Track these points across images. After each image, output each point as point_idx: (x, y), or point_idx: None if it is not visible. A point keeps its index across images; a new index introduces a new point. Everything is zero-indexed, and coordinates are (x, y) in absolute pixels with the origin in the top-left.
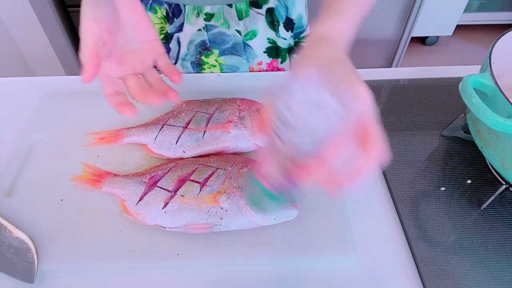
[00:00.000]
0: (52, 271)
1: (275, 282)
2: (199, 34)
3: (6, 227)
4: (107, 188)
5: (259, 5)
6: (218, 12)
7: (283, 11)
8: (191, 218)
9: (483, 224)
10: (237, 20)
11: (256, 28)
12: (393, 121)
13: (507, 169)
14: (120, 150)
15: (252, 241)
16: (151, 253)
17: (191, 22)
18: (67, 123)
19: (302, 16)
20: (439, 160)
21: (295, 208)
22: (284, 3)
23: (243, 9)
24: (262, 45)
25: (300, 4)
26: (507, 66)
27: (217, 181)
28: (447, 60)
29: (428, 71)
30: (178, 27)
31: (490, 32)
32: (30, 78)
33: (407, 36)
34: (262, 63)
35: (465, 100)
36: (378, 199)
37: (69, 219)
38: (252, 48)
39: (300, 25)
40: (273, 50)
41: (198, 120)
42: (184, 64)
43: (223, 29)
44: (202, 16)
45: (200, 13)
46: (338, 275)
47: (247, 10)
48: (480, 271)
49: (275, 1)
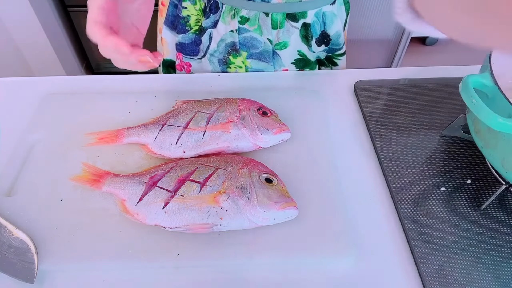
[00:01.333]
0: (52, 271)
1: (275, 282)
2: (231, 35)
3: (6, 227)
4: (107, 188)
5: (296, 18)
6: (253, 18)
7: (319, 27)
8: (191, 218)
9: (483, 224)
10: (270, 29)
11: (288, 40)
12: (393, 121)
13: (507, 169)
14: (120, 150)
15: (252, 241)
16: (151, 253)
17: (225, 22)
18: (67, 123)
19: (340, 34)
20: (439, 160)
21: (295, 208)
22: (323, 19)
23: (278, 20)
24: (291, 56)
25: (339, 23)
26: (507, 66)
27: (217, 181)
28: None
29: (428, 71)
30: (213, 23)
31: None
32: (30, 78)
33: (407, 36)
34: (288, 70)
35: (465, 100)
36: (378, 199)
37: (69, 219)
38: (281, 57)
39: (337, 42)
40: (301, 62)
41: (198, 120)
42: (212, 60)
43: (255, 35)
44: (238, 18)
45: (236, 15)
46: (338, 275)
47: (283, 21)
48: (480, 271)
49: (312, 17)
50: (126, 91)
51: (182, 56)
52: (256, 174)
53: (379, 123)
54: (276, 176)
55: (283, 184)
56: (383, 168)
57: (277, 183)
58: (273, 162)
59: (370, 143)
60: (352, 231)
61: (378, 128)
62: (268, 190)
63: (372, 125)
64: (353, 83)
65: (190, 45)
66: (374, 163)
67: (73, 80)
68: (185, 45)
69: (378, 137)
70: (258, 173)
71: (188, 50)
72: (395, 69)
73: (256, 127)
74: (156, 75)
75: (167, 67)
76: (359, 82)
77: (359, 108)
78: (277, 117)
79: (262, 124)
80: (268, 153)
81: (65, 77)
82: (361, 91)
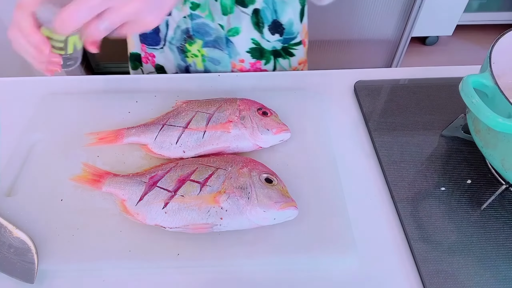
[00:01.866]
0: (52, 271)
1: (275, 282)
2: (184, 22)
3: (6, 227)
4: (107, 188)
5: (244, 3)
6: (204, 3)
7: (270, 14)
8: (191, 218)
9: (483, 224)
10: (221, 14)
11: (239, 26)
12: (393, 121)
13: (507, 169)
14: (120, 150)
15: (252, 241)
16: (151, 253)
17: (178, 8)
18: (67, 123)
19: (292, 22)
20: (439, 160)
21: (295, 208)
22: (273, 6)
23: (227, 5)
24: (245, 44)
25: (292, 10)
26: (507, 66)
27: (217, 181)
28: (447, 60)
29: (428, 71)
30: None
31: (490, 32)
32: (30, 78)
33: (407, 36)
34: (244, 61)
35: (465, 100)
36: (378, 199)
37: (69, 219)
38: (235, 45)
39: (290, 31)
40: (257, 51)
41: (198, 120)
42: (172, 48)
43: (207, 21)
44: (188, 4)
45: (187, 1)
46: (338, 275)
47: (232, 6)
48: (480, 271)
49: (262, 3)
50: (126, 91)
51: (145, 47)
52: (256, 174)
53: (379, 123)
54: (276, 176)
55: (283, 184)
56: (383, 168)
57: (277, 183)
58: (273, 162)
59: (370, 143)
60: (352, 231)
61: (378, 128)
62: (268, 190)
63: (372, 125)
64: (353, 83)
65: (151, 34)
66: (374, 163)
67: (73, 80)
68: (146, 35)
69: (378, 137)
70: (258, 173)
71: (150, 40)
72: (395, 69)
73: (256, 127)
74: (156, 75)
75: (134, 61)
76: (359, 82)
77: (359, 108)
78: (277, 117)
79: (262, 124)
80: (268, 153)
81: (65, 77)
82: (361, 91)
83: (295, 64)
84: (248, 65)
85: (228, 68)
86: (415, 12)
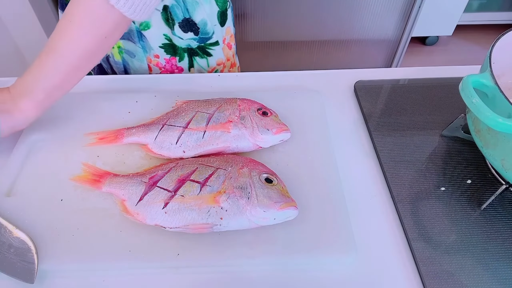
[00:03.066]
0: (52, 271)
1: (275, 282)
2: None
3: (6, 227)
4: (107, 188)
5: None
6: None
7: (180, 12)
8: (191, 218)
9: (483, 224)
10: None
11: (149, 21)
12: (393, 121)
13: (507, 169)
14: (120, 150)
15: (252, 241)
16: (151, 253)
17: None
18: (67, 123)
19: (206, 22)
20: (439, 160)
21: (295, 208)
22: (184, 4)
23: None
24: (158, 39)
25: (205, 11)
26: (507, 66)
27: (217, 181)
28: (447, 60)
29: (428, 71)
30: None
31: (490, 32)
32: None
33: (407, 36)
34: (159, 57)
35: (465, 100)
36: (378, 199)
37: (69, 219)
38: (147, 39)
39: (204, 31)
40: (170, 47)
41: (198, 120)
42: None
43: None
44: None
45: None
46: (338, 275)
47: None
48: (480, 271)
49: (172, 0)
50: (126, 91)
51: None
52: (256, 174)
53: (379, 123)
54: (276, 176)
55: (283, 184)
56: (383, 168)
57: (277, 183)
58: (273, 162)
59: (370, 143)
60: (352, 231)
61: (378, 128)
62: (268, 190)
63: (372, 125)
64: (353, 83)
65: None
66: (374, 163)
67: None
68: None
69: (378, 137)
70: (258, 173)
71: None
72: (395, 69)
73: (256, 127)
74: (156, 75)
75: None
76: (359, 82)
77: (359, 108)
78: (277, 117)
79: (262, 124)
80: (268, 153)
81: None
82: (361, 91)
83: (214, 64)
84: (163, 61)
85: (144, 62)
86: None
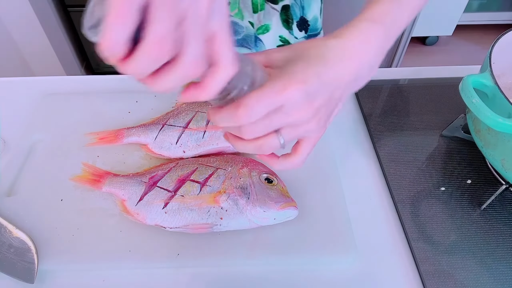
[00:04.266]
0: (52, 271)
1: (275, 282)
2: None
3: (6, 227)
4: (107, 188)
5: (275, 0)
6: (233, 1)
7: (298, 11)
8: (191, 218)
9: (483, 224)
10: (251, 12)
11: (269, 23)
12: (393, 121)
13: (507, 169)
14: (120, 150)
15: (252, 241)
16: (151, 253)
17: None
18: (67, 123)
19: (317, 18)
20: (439, 160)
21: (295, 208)
22: (300, 3)
23: (258, 2)
24: (273, 42)
25: (316, 6)
26: (507, 66)
27: (217, 181)
28: (447, 60)
29: (428, 71)
30: None
31: (490, 32)
32: (30, 78)
33: (407, 36)
34: None
35: (465, 100)
36: (378, 199)
37: (69, 219)
38: (263, 43)
39: (315, 27)
40: None
41: (198, 120)
42: None
43: (236, 19)
44: None
45: None
46: (338, 275)
47: (263, 3)
48: (480, 271)
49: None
50: (126, 91)
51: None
52: (256, 174)
53: (379, 123)
54: (276, 176)
55: (283, 184)
56: (383, 168)
57: (277, 183)
58: None
59: (370, 143)
60: (352, 231)
61: (378, 128)
62: (268, 190)
63: (372, 125)
64: None
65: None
66: (374, 163)
67: (73, 80)
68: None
69: (378, 137)
70: (258, 173)
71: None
72: (395, 69)
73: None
74: None
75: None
76: None
77: (359, 108)
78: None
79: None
80: None
81: (65, 77)
82: (361, 91)
83: None
84: None
85: None
86: None
